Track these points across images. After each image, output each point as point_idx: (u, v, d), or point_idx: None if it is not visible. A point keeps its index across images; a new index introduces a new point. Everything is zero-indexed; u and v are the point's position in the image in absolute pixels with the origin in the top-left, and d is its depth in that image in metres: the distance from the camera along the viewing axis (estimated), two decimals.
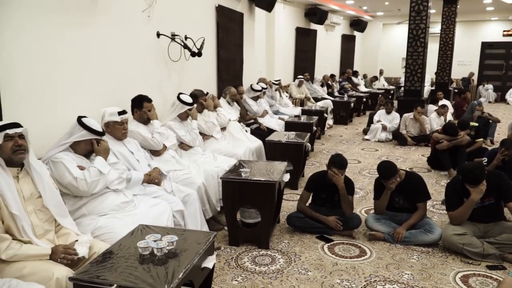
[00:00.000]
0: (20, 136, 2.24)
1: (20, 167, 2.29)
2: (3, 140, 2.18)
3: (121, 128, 3.27)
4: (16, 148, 2.21)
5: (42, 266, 2.08)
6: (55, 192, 2.40)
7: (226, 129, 5.15)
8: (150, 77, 4.45)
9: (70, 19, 3.31)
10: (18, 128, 2.24)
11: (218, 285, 2.86)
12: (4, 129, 2.19)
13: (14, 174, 2.25)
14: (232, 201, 3.44)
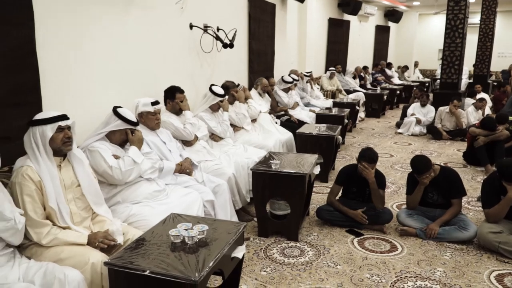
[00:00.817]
0: (69, 128, 2.33)
1: (63, 156, 2.38)
2: (55, 131, 2.26)
3: (154, 118, 3.33)
4: (66, 140, 2.31)
5: (79, 251, 2.16)
6: (93, 181, 2.49)
7: (256, 121, 5.16)
8: (183, 68, 4.50)
9: (107, 11, 3.39)
10: (68, 121, 2.32)
11: (247, 275, 2.89)
12: (56, 120, 2.27)
13: (57, 163, 2.34)
14: (262, 193, 3.45)
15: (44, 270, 1.97)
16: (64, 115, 2.33)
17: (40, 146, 2.25)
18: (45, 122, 2.27)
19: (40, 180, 2.21)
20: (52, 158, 2.31)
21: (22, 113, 2.56)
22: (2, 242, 2.01)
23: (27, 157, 2.27)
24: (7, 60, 2.49)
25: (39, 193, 2.20)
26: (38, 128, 2.26)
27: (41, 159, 2.25)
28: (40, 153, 2.25)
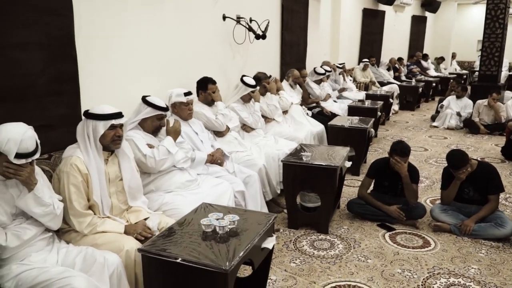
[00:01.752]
0: (121, 126, 2.39)
1: (111, 151, 2.45)
2: (107, 129, 2.32)
3: (187, 108, 3.37)
4: (116, 138, 2.37)
5: (114, 238, 2.23)
6: (136, 175, 2.55)
7: (288, 113, 5.13)
8: (215, 60, 4.53)
9: (143, 2, 3.43)
10: (121, 119, 2.37)
11: (276, 266, 2.90)
12: (110, 118, 2.32)
13: (105, 157, 2.41)
14: (293, 185, 3.44)
15: (84, 254, 2.05)
16: (118, 113, 2.37)
17: (91, 139, 2.32)
18: (100, 118, 2.32)
19: (87, 173, 2.28)
20: (101, 152, 2.37)
21: (62, 102, 2.65)
22: (42, 226, 2.09)
23: (78, 146, 2.34)
24: (48, 51, 2.58)
25: (85, 185, 2.28)
26: (92, 122, 2.31)
27: (91, 151, 2.32)
28: (91, 145, 2.32)
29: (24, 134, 1.91)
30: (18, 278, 1.87)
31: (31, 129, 1.98)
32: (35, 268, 1.90)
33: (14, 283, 1.86)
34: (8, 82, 2.36)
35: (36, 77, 2.52)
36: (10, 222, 1.99)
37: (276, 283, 2.71)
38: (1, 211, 1.96)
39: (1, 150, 1.88)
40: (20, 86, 2.44)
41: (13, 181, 1.99)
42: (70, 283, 1.80)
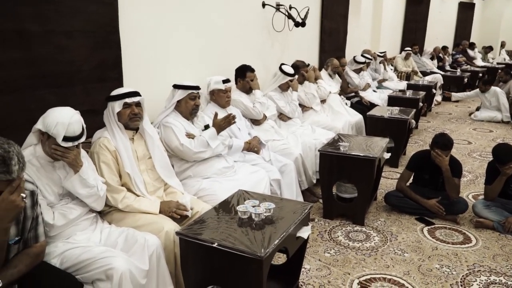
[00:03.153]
0: (137, 104, 2.45)
1: (136, 130, 2.52)
2: (122, 108, 2.41)
3: (225, 96, 3.40)
4: (132, 116, 2.43)
5: (154, 219, 2.30)
6: (163, 155, 2.61)
7: (326, 102, 5.07)
8: (254, 47, 4.52)
9: None
10: (136, 97, 2.44)
11: (310, 255, 2.90)
12: (124, 97, 2.41)
13: (130, 136, 2.50)
14: (329, 175, 3.41)
15: (126, 235, 2.13)
16: (131, 92, 2.44)
17: (112, 119, 2.43)
18: (114, 98, 2.42)
19: (115, 150, 2.37)
20: (124, 131, 2.46)
21: (105, 87, 2.73)
22: (86, 207, 2.19)
23: (105, 129, 2.45)
24: (93, 38, 2.66)
25: (115, 162, 2.37)
26: (110, 104, 2.43)
27: (116, 131, 2.42)
28: (114, 126, 2.43)
29: (71, 118, 2.00)
30: (63, 255, 1.96)
31: (77, 113, 2.06)
32: (79, 246, 1.99)
33: (59, 260, 1.95)
34: (56, 68, 2.47)
35: (82, 63, 2.62)
36: (57, 202, 2.09)
37: (310, 272, 2.72)
38: (49, 191, 2.06)
39: (50, 133, 1.97)
40: (67, 72, 2.55)
41: (61, 163, 2.08)
42: (110, 263, 1.87)
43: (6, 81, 2.22)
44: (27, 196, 1.70)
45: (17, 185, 1.55)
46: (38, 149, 2.06)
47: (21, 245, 1.76)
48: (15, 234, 1.71)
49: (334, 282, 2.62)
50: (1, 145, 1.51)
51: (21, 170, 1.55)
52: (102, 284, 1.86)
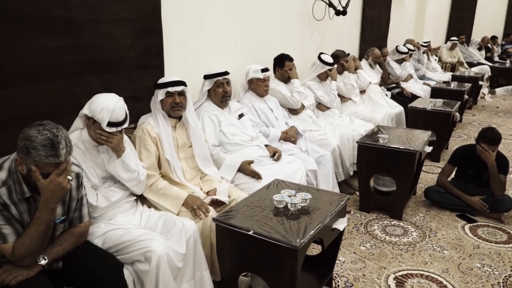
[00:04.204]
0: (180, 93, 2.49)
1: (179, 118, 2.57)
2: (164, 96, 2.46)
3: (263, 85, 3.40)
4: (174, 105, 2.48)
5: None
6: (203, 145, 2.65)
7: (365, 92, 4.97)
8: (293, 36, 4.48)
9: None
10: (179, 87, 2.47)
11: (345, 247, 2.88)
12: (167, 86, 2.45)
13: (172, 124, 2.55)
14: (367, 167, 3.36)
15: (165, 219, 2.19)
16: (174, 81, 2.47)
17: (157, 107, 2.49)
18: (158, 86, 2.48)
19: (157, 136, 2.43)
20: (167, 118, 2.52)
21: (148, 75, 2.80)
22: (127, 190, 2.26)
23: (150, 115, 2.52)
24: (137, 26, 2.72)
25: (155, 148, 2.42)
26: (156, 91, 2.49)
27: (159, 118, 2.48)
28: (157, 113, 2.49)
29: (116, 104, 2.06)
30: (105, 236, 2.04)
31: (121, 100, 2.12)
32: (120, 228, 2.07)
33: (101, 240, 2.03)
34: (102, 55, 2.54)
35: (126, 51, 2.68)
36: (100, 185, 2.18)
37: (344, 264, 2.70)
38: (94, 174, 2.14)
39: (96, 118, 2.05)
40: (113, 59, 2.62)
41: (105, 147, 2.16)
42: (149, 245, 1.93)
43: (56, 67, 2.31)
44: (73, 178, 1.78)
45: (64, 168, 1.62)
46: (84, 133, 2.15)
47: (66, 225, 1.85)
48: (61, 214, 1.79)
49: (369, 275, 2.60)
50: (51, 129, 1.59)
51: (68, 154, 1.63)
52: (141, 265, 1.93)
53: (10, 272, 1.65)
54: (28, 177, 1.63)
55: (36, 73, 2.23)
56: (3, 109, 2.13)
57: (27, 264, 1.66)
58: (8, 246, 1.63)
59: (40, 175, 1.59)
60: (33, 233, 1.63)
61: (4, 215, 1.62)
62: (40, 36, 2.22)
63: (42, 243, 1.68)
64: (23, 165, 1.60)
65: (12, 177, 1.64)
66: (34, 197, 1.68)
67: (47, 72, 2.28)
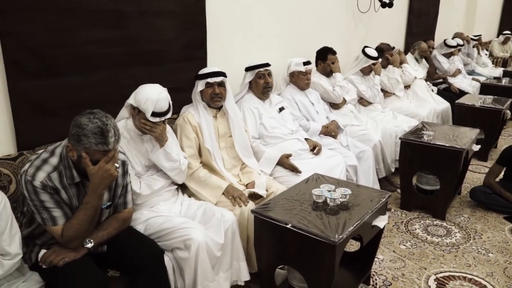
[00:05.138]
0: (220, 84, 2.51)
1: (218, 109, 2.60)
2: (204, 87, 2.48)
3: (305, 78, 3.37)
4: (213, 95, 2.50)
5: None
6: (243, 135, 2.66)
7: (410, 87, 4.82)
8: (336, 29, 4.40)
9: None
10: (218, 77, 2.49)
11: (384, 245, 2.83)
12: (207, 77, 2.48)
13: (213, 114, 2.58)
14: (410, 164, 3.26)
15: (204, 208, 2.22)
16: (214, 72, 2.49)
17: (197, 97, 2.53)
18: (199, 77, 2.51)
19: (197, 125, 2.47)
20: (208, 108, 2.55)
21: (191, 67, 2.83)
22: (169, 179, 2.31)
23: (191, 105, 2.56)
24: (181, 19, 2.76)
25: (195, 136, 2.46)
26: (196, 82, 2.52)
27: (200, 108, 2.53)
28: (198, 103, 2.53)
29: (160, 95, 2.11)
30: (147, 222, 2.10)
31: (165, 90, 2.17)
32: (162, 215, 2.13)
33: (144, 226, 2.10)
34: (148, 47, 2.60)
35: (171, 43, 2.73)
36: (143, 173, 2.24)
37: (383, 263, 2.65)
38: (137, 162, 2.21)
39: (140, 108, 2.10)
40: (157, 51, 2.67)
41: (148, 137, 2.22)
42: (189, 233, 1.97)
43: (104, 58, 2.39)
44: (120, 165, 1.84)
45: (112, 155, 1.68)
46: (129, 123, 2.21)
47: (111, 210, 1.92)
48: (107, 200, 1.86)
49: (409, 275, 2.53)
50: (100, 118, 1.65)
51: (116, 142, 1.68)
52: (181, 252, 1.97)
53: (59, 253, 1.73)
54: (78, 163, 1.70)
55: (85, 64, 2.32)
56: (55, 97, 2.23)
57: (75, 246, 1.74)
58: (58, 228, 1.71)
59: (90, 162, 1.65)
60: (81, 217, 1.71)
61: (55, 198, 1.70)
62: (90, 28, 2.30)
63: (89, 226, 1.75)
64: (74, 151, 1.67)
65: (63, 162, 1.72)
66: (83, 182, 1.76)
67: (95, 63, 2.36)
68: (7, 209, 1.60)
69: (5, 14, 1.96)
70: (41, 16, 2.09)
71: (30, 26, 2.06)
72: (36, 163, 1.69)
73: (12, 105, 2.08)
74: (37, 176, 1.66)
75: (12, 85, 2.05)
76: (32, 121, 2.16)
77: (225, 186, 2.39)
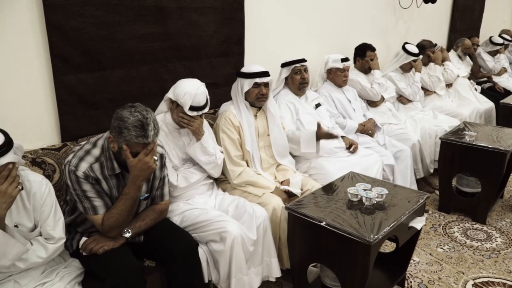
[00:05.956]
0: (265, 84, 2.51)
1: (259, 108, 2.60)
2: (251, 87, 2.48)
3: (342, 75, 3.32)
4: (260, 96, 2.50)
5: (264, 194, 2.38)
6: (282, 134, 2.65)
7: (452, 86, 4.65)
8: (376, 25, 4.30)
9: None
10: (266, 78, 2.49)
11: (421, 247, 2.76)
12: (255, 76, 2.47)
13: (254, 112, 2.58)
14: (450, 165, 3.16)
15: (237, 203, 2.25)
16: (262, 72, 2.49)
17: (240, 96, 2.52)
18: (246, 76, 2.49)
19: (239, 125, 2.47)
20: (250, 108, 2.54)
21: (228, 62, 2.86)
22: (205, 173, 2.35)
23: (231, 103, 2.56)
24: (221, 14, 2.78)
25: (238, 137, 2.47)
26: (240, 80, 2.51)
27: (241, 107, 2.51)
28: (240, 102, 2.52)
29: (198, 90, 2.14)
30: (183, 214, 2.14)
31: (203, 85, 2.20)
32: (198, 208, 2.16)
33: (180, 218, 2.14)
34: (187, 42, 2.64)
35: (209, 38, 2.76)
36: (180, 166, 2.29)
37: (419, 265, 2.59)
38: (175, 155, 2.25)
39: (179, 102, 2.14)
40: (197, 46, 2.71)
41: (186, 130, 2.26)
42: (225, 226, 2.00)
43: (145, 53, 2.45)
44: (158, 158, 1.88)
45: (151, 148, 1.73)
46: (168, 116, 2.26)
47: (149, 202, 1.97)
48: (145, 191, 1.91)
49: (446, 279, 2.46)
50: (141, 111, 1.69)
51: (155, 136, 1.72)
52: (216, 245, 2.00)
53: (98, 241, 1.79)
54: (118, 155, 1.75)
55: (128, 58, 2.38)
56: (98, 91, 2.31)
57: (114, 235, 1.80)
58: (98, 217, 1.77)
59: (130, 154, 1.70)
60: (121, 207, 1.76)
61: (96, 189, 1.77)
62: (133, 23, 2.36)
63: (128, 216, 1.81)
64: (115, 143, 1.72)
65: (105, 154, 1.78)
66: (123, 174, 1.81)
67: (137, 57, 2.42)
68: (52, 195, 1.67)
69: (53, 9, 2.04)
70: (88, 12, 2.16)
71: (77, 22, 2.13)
72: (79, 154, 1.76)
73: (57, 98, 2.17)
74: (80, 167, 1.72)
75: (57, 78, 2.14)
76: (76, 113, 2.24)
77: (274, 188, 2.41)
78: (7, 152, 1.44)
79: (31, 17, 2.02)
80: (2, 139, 1.45)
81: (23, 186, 1.54)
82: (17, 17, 1.98)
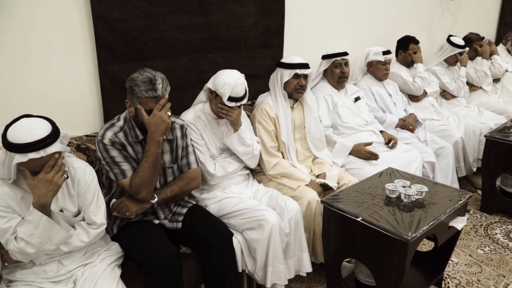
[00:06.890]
0: (305, 76, 2.49)
1: (296, 99, 2.59)
2: (291, 77, 2.47)
3: (384, 68, 3.25)
4: (299, 87, 2.49)
5: (299, 187, 2.37)
6: (319, 127, 2.63)
7: (500, 81, 4.44)
8: (420, 17, 4.16)
9: None
10: (306, 70, 2.48)
11: (460, 248, 2.68)
12: (295, 67, 2.46)
13: (291, 104, 2.57)
14: (495, 164, 3.04)
15: (270, 195, 2.26)
16: (303, 64, 2.47)
17: (279, 86, 2.51)
18: (286, 66, 2.48)
19: (275, 117, 2.47)
20: (287, 99, 2.53)
21: (267, 54, 2.85)
22: (241, 163, 2.37)
23: (269, 94, 2.56)
24: (260, 5, 2.77)
25: (273, 128, 2.47)
26: (280, 70, 2.50)
27: (279, 98, 2.51)
28: (278, 92, 2.51)
29: (237, 80, 2.15)
30: (221, 203, 2.18)
31: (242, 76, 2.21)
32: (235, 197, 2.20)
33: (217, 206, 2.18)
34: (227, 33, 2.65)
35: (249, 29, 2.76)
36: (218, 155, 2.32)
37: (457, 266, 2.51)
38: (213, 145, 2.28)
39: (218, 92, 2.16)
40: (236, 37, 2.71)
41: (224, 121, 2.28)
42: (263, 215, 2.03)
43: (185, 43, 2.48)
44: (177, 128, 2.02)
45: (164, 103, 1.82)
46: (206, 106, 2.29)
47: (177, 172, 2.04)
48: (170, 161, 2.01)
49: (485, 282, 2.38)
50: (149, 71, 1.84)
51: (165, 90, 1.83)
52: (253, 233, 2.03)
53: (124, 203, 1.89)
54: (136, 118, 1.86)
55: (168, 49, 2.42)
56: None
57: (144, 195, 1.87)
58: (127, 180, 1.87)
59: (145, 112, 1.80)
60: (144, 164, 1.85)
61: (123, 154, 1.87)
62: (175, 14, 2.38)
63: (153, 174, 1.87)
64: (132, 107, 1.85)
65: (128, 124, 1.91)
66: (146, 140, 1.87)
67: (178, 48, 2.46)
68: (95, 182, 1.74)
69: (99, 1, 2.10)
70: (131, 3, 2.21)
71: (121, 13, 2.18)
72: (105, 126, 1.92)
73: (101, 86, 2.25)
74: (106, 135, 1.86)
75: (102, 67, 2.21)
76: (119, 101, 2.29)
77: (309, 181, 2.41)
78: (53, 142, 1.50)
79: (78, 8, 2.10)
80: (49, 129, 1.51)
81: (68, 173, 1.60)
82: (65, 9, 2.06)
